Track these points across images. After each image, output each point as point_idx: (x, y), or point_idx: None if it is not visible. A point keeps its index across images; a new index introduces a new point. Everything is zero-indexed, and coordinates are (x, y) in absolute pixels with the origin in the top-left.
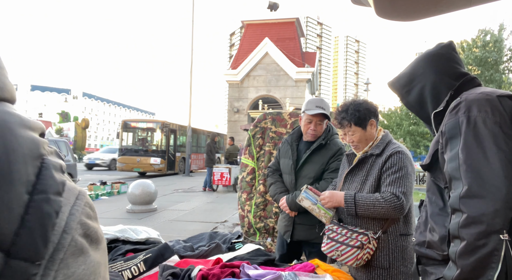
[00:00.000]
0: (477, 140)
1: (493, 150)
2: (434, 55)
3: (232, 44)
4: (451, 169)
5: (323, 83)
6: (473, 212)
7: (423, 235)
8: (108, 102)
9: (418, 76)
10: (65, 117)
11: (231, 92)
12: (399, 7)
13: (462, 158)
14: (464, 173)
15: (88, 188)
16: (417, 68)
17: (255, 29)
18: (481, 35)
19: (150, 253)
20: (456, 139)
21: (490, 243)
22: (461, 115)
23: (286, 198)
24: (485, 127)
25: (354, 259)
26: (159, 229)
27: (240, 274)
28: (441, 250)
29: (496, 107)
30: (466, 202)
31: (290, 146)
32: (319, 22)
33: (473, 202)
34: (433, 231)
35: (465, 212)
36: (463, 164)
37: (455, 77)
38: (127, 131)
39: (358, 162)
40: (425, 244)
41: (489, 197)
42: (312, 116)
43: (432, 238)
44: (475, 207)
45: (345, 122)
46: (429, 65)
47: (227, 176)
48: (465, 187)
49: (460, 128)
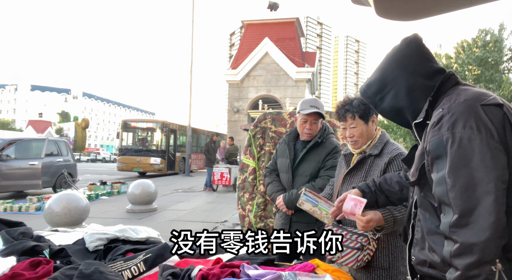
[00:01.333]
0: (463, 161)
1: (482, 171)
2: (402, 56)
3: (232, 44)
4: (439, 193)
5: (323, 83)
6: (464, 242)
7: (423, 254)
8: (108, 102)
9: (390, 81)
10: (65, 117)
11: (231, 92)
12: (399, 7)
13: (450, 183)
14: (453, 200)
15: (88, 188)
16: (387, 72)
17: (255, 29)
18: (481, 35)
19: (150, 253)
20: (442, 160)
21: (482, 274)
22: (444, 132)
23: (283, 197)
24: (470, 146)
25: (354, 260)
26: (159, 229)
27: (240, 274)
28: (445, 272)
29: (482, 120)
30: (456, 231)
31: (287, 145)
32: (319, 22)
33: (464, 232)
34: (433, 252)
35: (457, 241)
36: (452, 189)
37: (430, 76)
38: (127, 131)
39: (357, 163)
40: (426, 264)
41: (479, 227)
42: (306, 116)
43: (434, 259)
44: (466, 237)
45: (349, 114)
46: (399, 67)
47: (227, 176)
48: (455, 216)
49: (445, 147)
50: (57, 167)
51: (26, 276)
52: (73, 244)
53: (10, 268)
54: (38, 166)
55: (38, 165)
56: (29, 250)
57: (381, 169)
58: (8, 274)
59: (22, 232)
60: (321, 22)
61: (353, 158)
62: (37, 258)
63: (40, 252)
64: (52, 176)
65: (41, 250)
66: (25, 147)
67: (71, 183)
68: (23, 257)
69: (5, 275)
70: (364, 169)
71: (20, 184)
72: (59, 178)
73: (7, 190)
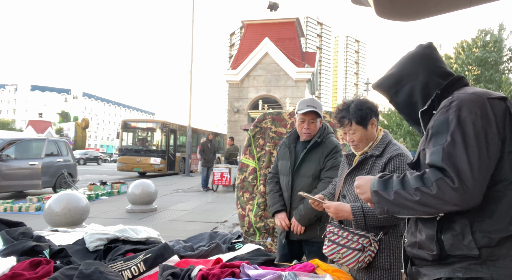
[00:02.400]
0: (464, 139)
1: (476, 153)
2: (420, 56)
3: (232, 44)
4: (433, 161)
5: (323, 83)
6: (447, 195)
7: (414, 236)
8: (108, 102)
9: (406, 76)
10: (65, 117)
11: (231, 92)
12: (399, 7)
13: (446, 152)
14: (447, 166)
15: (88, 188)
16: (405, 68)
17: (255, 29)
18: (481, 35)
19: (150, 253)
20: (442, 135)
21: (425, 209)
22: (451, 113)
23: (295, 216)
24: (473, 129)
25: (356, 261)
26: (159, 229)
27: (240, 274)
28: (430, 250)
29: (486, 111)
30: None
31: (288, 148)
32: (319, 22)
33: (449, 190)
34: (421, 231)
35: (441, 192)
36: (446, 159)
37: (443, 76)
38: (127, 131)
39: (358, 163)
40: (416, 245)
41: (461, 192)
42: (304, 115)
43: (421, 238)
44: (450, 194)
45: (345, 120)
46: (416, 65)
47: (227, 176)
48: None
49: (448, 125)
50: (57, 167)
51: (26, 276)
52: (73, 244)
53: (10, 268)
54: (38, 166)
55: (38, 165)
56: (29, 250)
57: (380, 169)
58: (8, 274)
59: (22, 232)
60: (321, 22)
61: (355, 158)
62: (37, 258)
63: (40, 252)
64: (52, 176)
65: (41, 250)
66: (25, 147)
67: (71, 183)
68: (23, 257)
69: (5, 275)
70: (365, 170)
71: (20, 184)
72: (59, 178)
73: (7, 190)
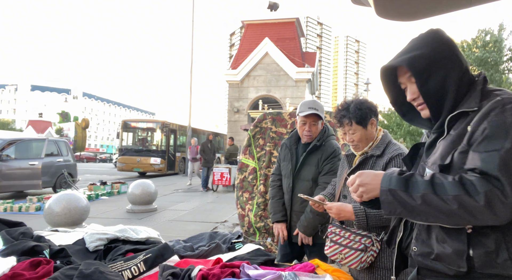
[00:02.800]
0: None
1: None
2: (452, 42)
3: (232, 44)
4: (486, 168)
5: (323, 83)
6: (497, 210)
7: (428, 246)
8: (108, 102)
9: (441, 60)
10: (65, 117)
11: (231, 92)
12: (399, 7)
13: (504, 160)
14: (504, 177)
15: (88, 188)
16: (440, 51)
17: (255, 29)
18: (481, 35)
19: (150, 253)
20: (499, 140)
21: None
22: (509, 116)
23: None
24: None
25: (358, 262)
26: (159, 229)
27: (240, 274)
28: (457, 266)
29: None
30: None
31: (289, 149)
32: (319, 22)
33: (499, 204)
34: (444, 243)
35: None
36: (505, 168)
37: (469, 72)
38: (127, 131)
39: (359, 164)
40: (431, 255)
41: (509, 208)
42: (305, 118)
43: (444, 251)
44: (500, 209)
45: (345, 120)
46: (453, 50)
47: (227, 176)
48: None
49: (507, 129)
50: (57, 167)
51: (26, 276)
52: (73, 244)
53: (10, 268)
54: (38, 166)
55: (38, 165)
56: (29, 250)
57: (381, 169)
58: (8, 274)
59: (22, 232)
60: (321, 22)
61: (356, 158)
62: (37, 258)
63: (40, 252)
64: (52, 176)
65: (41, 250)
66: (25, 147)
67: (71, 183)
68: (23, 257)
69: (5, 275)
70: (365, 170)
71: (20, 184)
72: (59, 178)
73: (7, 190)
